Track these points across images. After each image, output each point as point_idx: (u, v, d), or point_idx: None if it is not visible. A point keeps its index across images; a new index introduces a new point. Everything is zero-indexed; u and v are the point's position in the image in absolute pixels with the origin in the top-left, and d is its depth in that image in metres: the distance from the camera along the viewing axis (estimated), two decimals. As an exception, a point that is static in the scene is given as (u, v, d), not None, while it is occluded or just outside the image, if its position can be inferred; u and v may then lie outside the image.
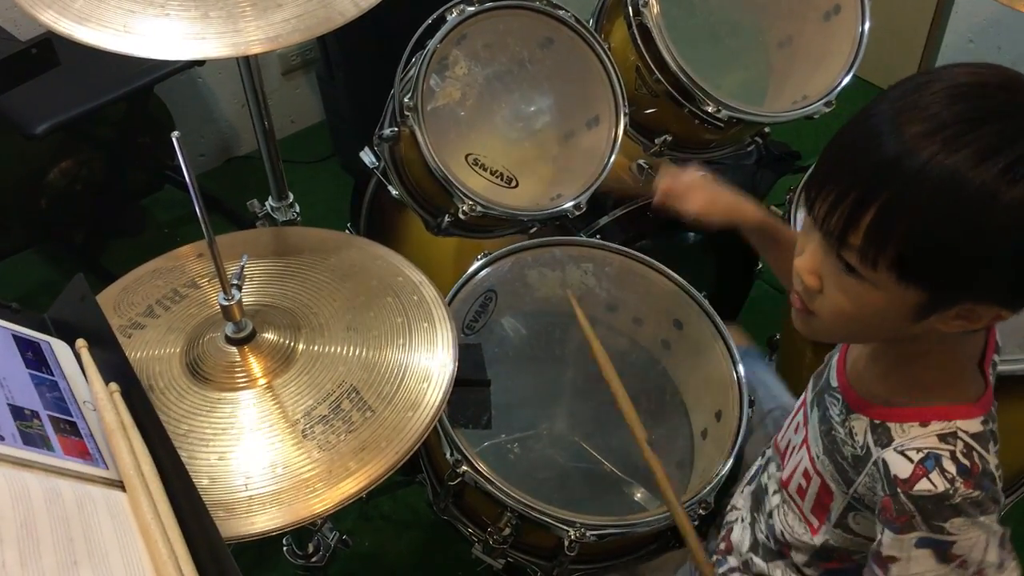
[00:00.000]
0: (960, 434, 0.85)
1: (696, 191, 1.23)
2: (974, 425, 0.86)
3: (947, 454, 0.84)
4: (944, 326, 0.81)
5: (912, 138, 0.74)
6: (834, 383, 0.99)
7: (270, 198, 1.41)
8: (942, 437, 0.85)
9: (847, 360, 0.99)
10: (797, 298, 0.89)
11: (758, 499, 1.16)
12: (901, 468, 0.85)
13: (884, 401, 0.91)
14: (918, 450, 0.85)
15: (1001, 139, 0.72)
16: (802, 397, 1.07)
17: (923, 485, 0.83)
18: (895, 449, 0.87)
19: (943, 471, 0.83)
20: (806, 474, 1.02)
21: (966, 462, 0.83)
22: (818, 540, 1.02)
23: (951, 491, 0.82)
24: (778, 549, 1.09)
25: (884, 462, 0.87)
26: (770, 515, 1.10)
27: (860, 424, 0.93)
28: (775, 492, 1.10)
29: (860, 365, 0.97)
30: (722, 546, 1.21)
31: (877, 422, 0.90)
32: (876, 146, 0.75)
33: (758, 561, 1.13)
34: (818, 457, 0.99)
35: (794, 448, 1.06)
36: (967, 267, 0.75)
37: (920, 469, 0.84)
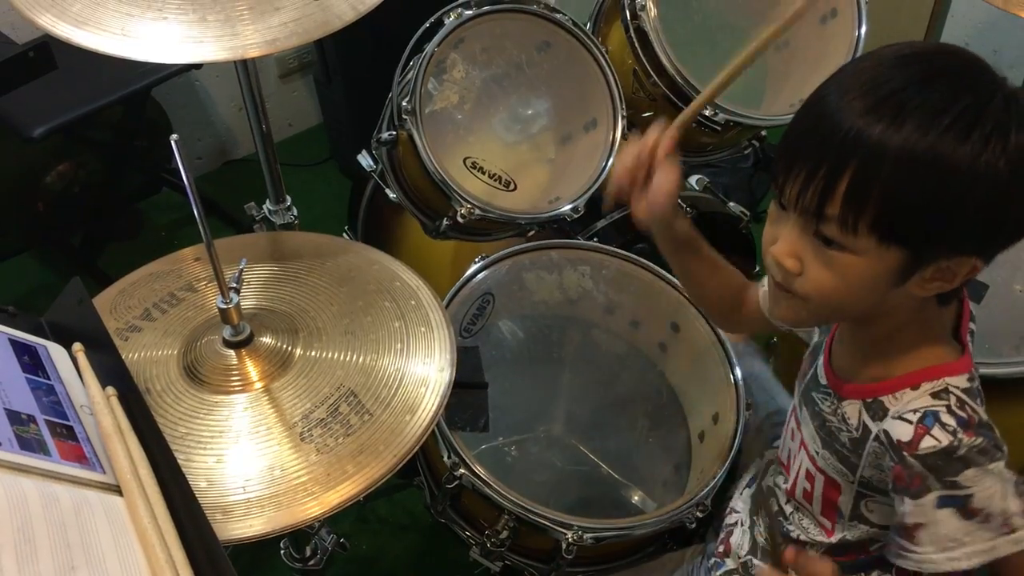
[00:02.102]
0: (951, 389, 0.86)
1: (676, 176, 1.02)
2: (962, 381, 0.87)
3: (943, 409, 0.85)
4: (921, 289, 0.83)
5: (864, 110, 0.76)
6: (823, 381, 1.00)
7: (268, 201, 1.41)
8: (935, 394, 0.87)
9: (832, 354, 1.01)
10: (776, 285, 0.90)
11: (757, 502, 1.16)
12: (903, 432, 0.86)
13: (872, 379, 0.93)
14: (915, 411, 0.86)
15: (943, 98, 0.75)
16: (791, 404, 1.08)
17: (927, 443, 0.84)
18: (892, 416, 0.88)
19: (943, 425, 0.84)
20: (808, 475, 1.03)
21: (963, 414, 0.85)
22: (835, 539, 1.02)
23: (955, 443, 0.83)
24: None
25: (885, 432, 0.88)
26: (784, 517, 1.10)
27: (852, 408, 0.94)
28: (787, 501, 1.10)
29: (843, 355, 0.99)
30: (720, 548, 1.21)
31: (870, 400, 0.92)
32: (836, 121, 0.78)
33: (758, 563, 1.13)
34: (817, 454, 1.00)
35: (794, 454, 1.06)
36: (940, 222, 0.78)
37: (921, 428, 0.85)
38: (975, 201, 0.76)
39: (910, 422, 0.86)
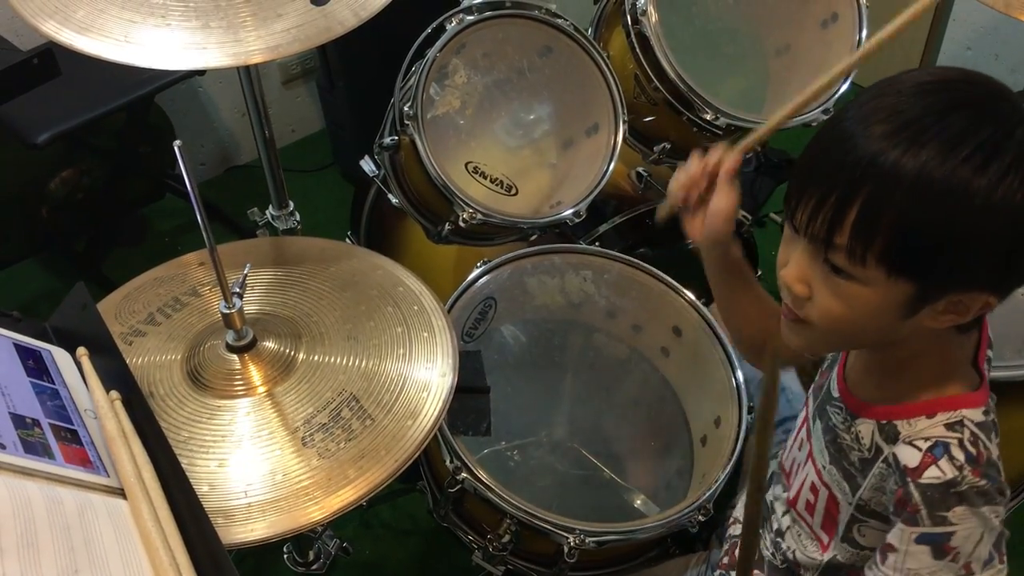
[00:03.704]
0: (966, 422, 0.85)
1: (735, 198, 1.03)
2: (977, 414, 0.86)
3: (955, 442, 0.84)
4: (934, 322, 0.82)
5: (882, 136, 0.75)
6: (835, 394, 0.99)
7: (270, 206, 1.42)
8: (949, 426, 0.86)
9: (846, 370, 1.00)
10: (787, 309, 0.89)
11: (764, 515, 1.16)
12: (910, 458, 0.86)
13: (888, 401, 0.92)
14: (926, 439, 0.86)
15: (964, 128, 0.73)
16: (802, 414, 1.08)
17: (932, 473, 0.84)
18: (904, 441, 0.88)
19: (952, 458, 0.83)
20: (813, 488, 1.02)
21: (973, 450, 0.84)
22: (827, 556, 1.02)
23: (959, 479, 0.83)
24: (786, 567, 1.09)
25: (894, 456, 0.88)
26: (779, 534, 1.10)
27: (866, 427, 0.93)
28: (784, 513, 1.10)
29: (858, 374, 0.98)
30: (725, 560, 1.21)
31: (884, 422, 0.91)
32: (850, 147, 0.77)
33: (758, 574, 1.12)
34: (824, 468, 0.99)
35: (799, 465, 1.06)
36: (952, 255, 0.76)
37: (929, 457, 0.84)
38: (988, 234, 0.75)
39: (919, 449, 0.85)
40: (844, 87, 1.60)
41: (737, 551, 1.18)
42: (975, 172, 0.73)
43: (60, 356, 0.88)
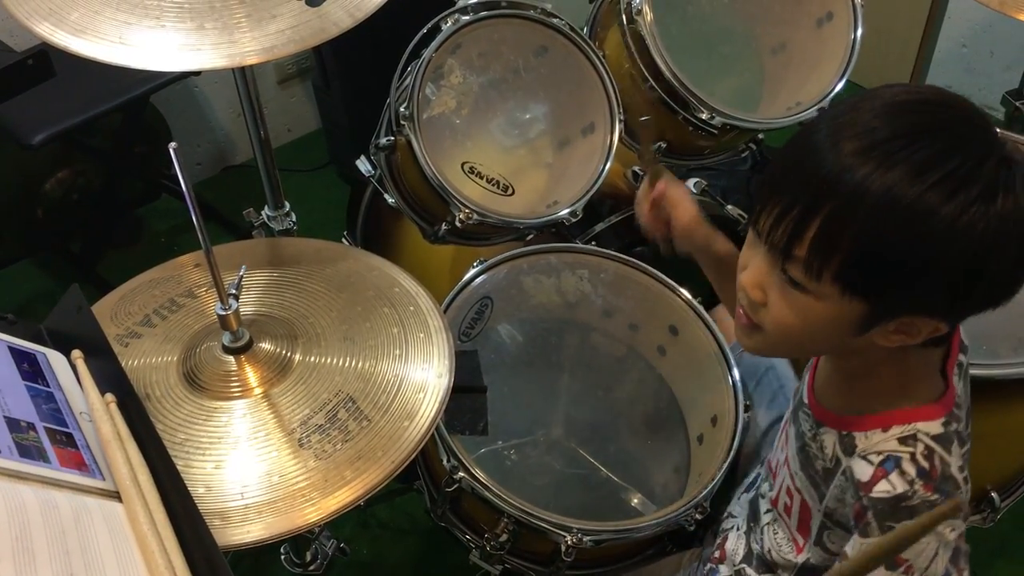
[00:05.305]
0: (920, 436, 0.85)
1: (688, 205, 1.19)
2: (935, 427, 0.86)
3: (907, 456, 0.85)
4: (884, 340, 0.83)
5: (850, 154, 0.75)
6: (805, 400, 1.00)
7: (266, 207, 1.41)
8: (902, 440, 0.86)
9: (816, 377, 1.00)
10: (742, 313, 0.90)
11: (755, 509, 1.16)
12: (863, 472, 0.86)
13: (848, 412, 0.93)
14: (879, 453, 0.86)
15: (935, 153, 0.73)
16: (785, 416, 1.08)
17: (882, 487, 0.84)
18: (859, 455, 0.88)
19: (902, 473, 0.84)
20: (789, 492, 1.03)
21: (925, 464, 0.84)
22: (801, 559, 1.02)
23: (909, 492, 0.83)
24: (768, 563, 1.09)
25: (850, 469, 0.89)
26: (762, 531, 1.11)
27: (829, 437, 0.94)
28: (767, 511, 1.11)
29: (824, 382, 0.99)
30: (716, 554, 1.21)
31: (844, 433, 0.91)
32: (819, 161, 0.77)
33: (750, 572, 1.13)
34: (796, 474, 1.00)
35: (780, 465, 1.07)
36: (908, 280, 0.76)
37: (880, 471, 0.85)
38: (946, 262, 0.75)
39: (872, 463, 0.86)
40: (839, 86, 1.60)
41: (727, 544, 1.18)
42: (941, 199, 0.72)
43: (55, 359, 0.87)
